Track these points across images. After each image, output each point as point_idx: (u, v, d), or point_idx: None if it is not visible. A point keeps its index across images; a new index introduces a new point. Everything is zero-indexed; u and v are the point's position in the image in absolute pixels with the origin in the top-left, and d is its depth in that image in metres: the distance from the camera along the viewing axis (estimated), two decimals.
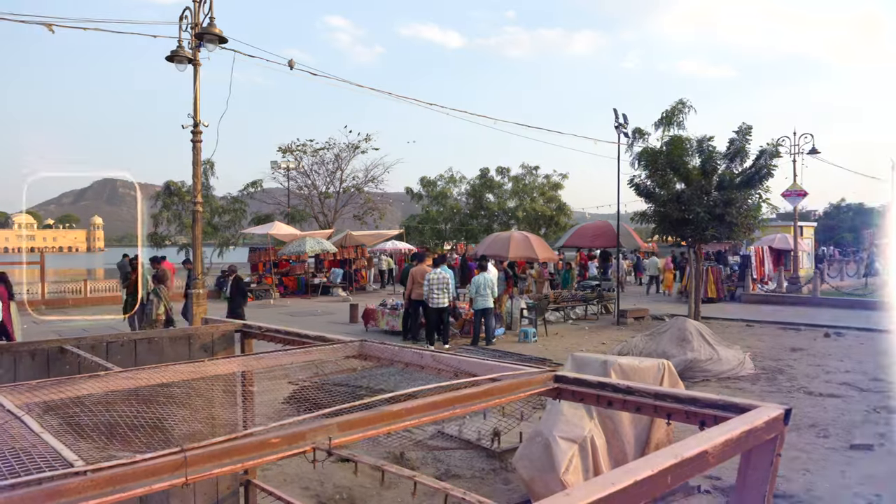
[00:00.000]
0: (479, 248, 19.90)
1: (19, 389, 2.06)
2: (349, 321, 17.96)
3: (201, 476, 1.42)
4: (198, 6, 11.11)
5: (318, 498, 6.16)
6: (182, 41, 11.44)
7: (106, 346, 3.46)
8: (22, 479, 1.25)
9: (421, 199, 39.13)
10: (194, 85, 11.51)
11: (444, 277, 13.31)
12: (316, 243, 25.70)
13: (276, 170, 37.18)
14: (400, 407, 1.78)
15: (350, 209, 38.75)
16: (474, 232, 37.54)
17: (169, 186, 33.12)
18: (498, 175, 38.53)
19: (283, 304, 23.53)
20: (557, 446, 5.23)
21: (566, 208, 37.48)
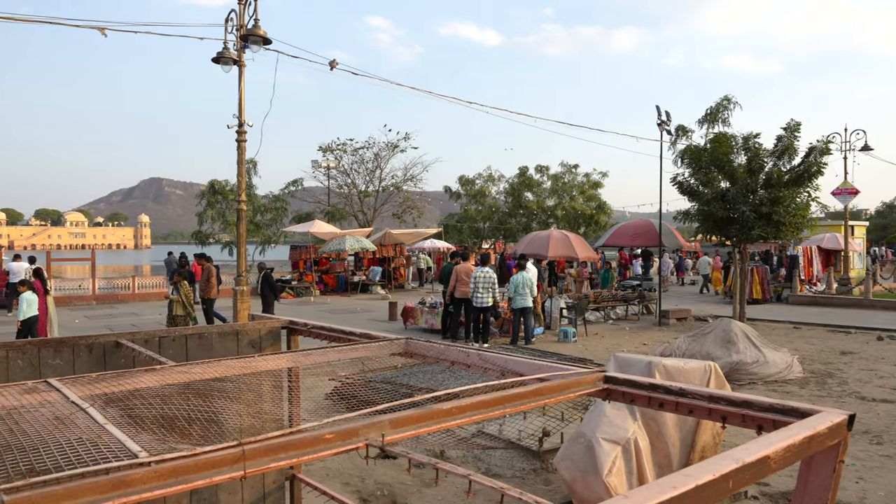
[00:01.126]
0: (517, 247, 19.82)
1: (81, 382, 2.12)
2: (388, 319, 18.08)
3: (258, 469, 1.45)
4: (243, 8, 11.32)
5: (360, 494, 6.21)
6: (227, 43, 11.67)
7: (158, 341, 3.56)
8: (90, 468, 1.29)
9: (459, 197, 39.14)
10: (239, 86, 11.73)
11: (489, 276, 13.32)
12: (356, 241, 25.93)
13: (317, 169, 37.66)
14: (451, 405, 1.78)
15: (389, 208, 39.01)
16: (513, 231, 37.38)
17: (213, 185, 33.83)
18: (537, 174, 38.29)
19: (324, 302, 23.82)
20: (600, 448, 5.18)
21: (606, 207, 37.03)
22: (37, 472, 1.34)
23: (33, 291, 11.99)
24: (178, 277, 13.04)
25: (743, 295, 16.48)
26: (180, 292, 12.71)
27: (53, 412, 1.74)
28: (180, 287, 12.75)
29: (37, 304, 11.98)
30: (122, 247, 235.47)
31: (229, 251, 35.90)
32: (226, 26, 11.66)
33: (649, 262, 29.61)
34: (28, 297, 11.82)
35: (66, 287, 24.76)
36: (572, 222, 35.82)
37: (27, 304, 11.76)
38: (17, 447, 1.50)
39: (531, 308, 13.74)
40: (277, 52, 11.89)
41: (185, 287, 12.86)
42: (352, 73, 14.22)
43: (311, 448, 1.55)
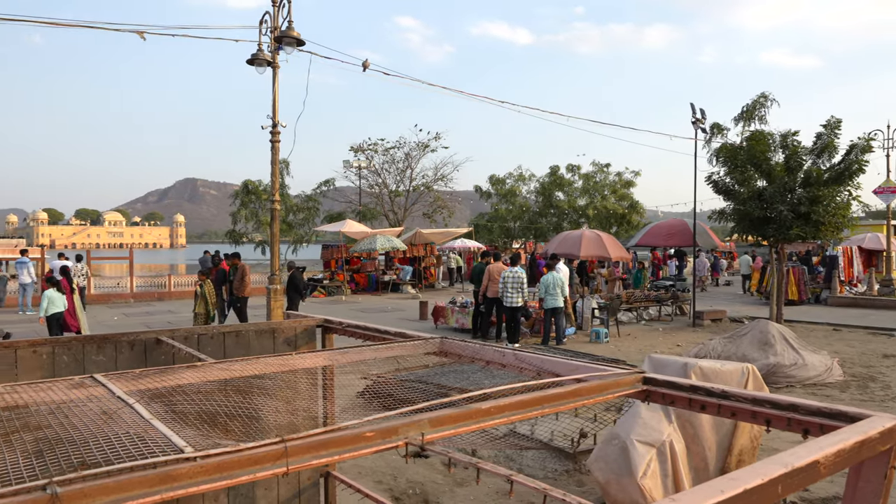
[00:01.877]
0: (549, 247, 19.70)
1: (126, 377, 2.17)
2: (419, 318, 18.13)
3: (301, 466, 1.46)
4: (277, 10, 11.45)
5: (392, 492, 6.24)
6: (262, 45, 11.82)
7: (197, 339, 3.62)
8: (139, 462, 1.32)
9: (490, 197, 39.07)
10: (273, 87, 11.88)
11: (518, 276, 13.27)
12: (386, 241, 26.06)
13: (348, 168, 37.94)
14: (490, 405, 1.78)
15: (419, 207, 39.12)
16: (543, 230, 37.17)
17: (247, 185, 34.32)
18: (568, 173, 38.02)
19: (355, 301, 23.99)
20: (635, 450, 5.12)
21: (638, 206, 36.59)
22: (87, 465, 1.37)
23: (57, 290, 12.31)
24: (203, 276, 13.27)
25: (780, 296, 16.14)
26: (204, 290, 12.94)
27: (101, 407, 1.79)
28: (204, 285, 12.99)
29: (60, 302, 12.28)
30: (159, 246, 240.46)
31: (262, 250, 36.38)
32: (260, 28, 11.82)
33: (683, 262, 29.18)
34: (50, 295, 12.14)
35: (104, 285, 25.36)
36: (604, 222, 35.48)
37: (48, 302, 12.08)
38: (67, 440, 1.54)
39: (562, 308, 13.65)
40: (311, 54, 12.03)
41: (208, 286, 13.09)
42: (384, 73, 14.30)
43: (352, 446, 1.56)
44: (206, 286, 13.06)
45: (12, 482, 1.30)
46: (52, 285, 12.41)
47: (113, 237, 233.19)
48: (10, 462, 1.41)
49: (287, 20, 11.24)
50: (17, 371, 3.12)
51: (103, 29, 10.93)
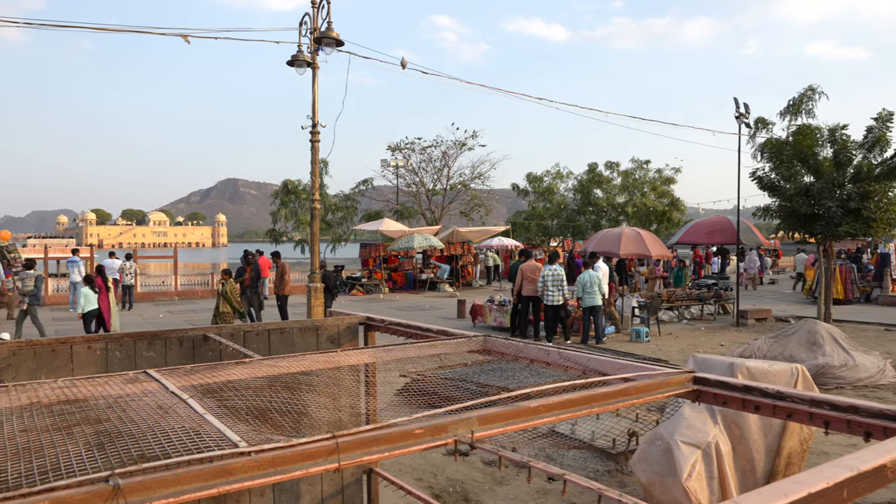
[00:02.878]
0: (588, 245, 19.50)
1: (178, 373, 2.22)
2: (456, 316, 18.15)
3: (352, 462, 1.47)
4: (316, 11, 11.58)
5: (432, 489, 6.25)
6: (301, 46, 11.97)
7: (243, 335, 3.68)
8: (196, 456, 1.34)
9: (527, 195, 38.82)
10: (313, 87, 12.02)
11: (558, 274, 13.18)
12: (424, 239, 26.15)
13: (386, 168, 38.16)
14: (538, 403, 1.76)
15: (457, 206, 39.13)
16: (581, 228, 36.79)
17: (287, 185, 34.81)
18: (607, 170, 37.55)
19: (393, 299, 24.13)
20: (679, 451, 5.03)
21: (679, 203, 35.93)
22: (146, 458, 1.40)
23: (92, 288, 12.75)
24: (226, 276, 13.47)
25: (829, 295, 15.67)
26: (226, 289, 13.13)
27: (156, 401, 1.83)
28: (226, 284, 13.18)
29: (95, 299, 12.71)
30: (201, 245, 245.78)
31: (301, 249, 36.87)
32: (300, 30, 11.98)
33: (726, 259, 28.56)
34: (85, 293, 12.63)
35: (150, 283, 26.03)
36: (643, 219, 34.94)
37: (84, 299, 12.54)
38: (126, 434, 1.58)
39: (601, 307, 13.49)
40: (349, 54, 12.13)
41: (230, 284, 13.29)
42: (422, 72, 14.34)
43: (402, 443, 1.56)
44: (229, 285, 13.25)
45: (76, 473, 1.34)
46: (88, 284, 12.90)
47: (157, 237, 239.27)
48: (73, 454, 1.45)
49: (326, 21, 11.36)
50: (72, 366, 3.22)
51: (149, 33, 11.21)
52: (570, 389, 1.95)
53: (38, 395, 1.91)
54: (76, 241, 36.02)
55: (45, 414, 1.75)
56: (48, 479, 1.30)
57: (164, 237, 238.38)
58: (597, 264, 15.08)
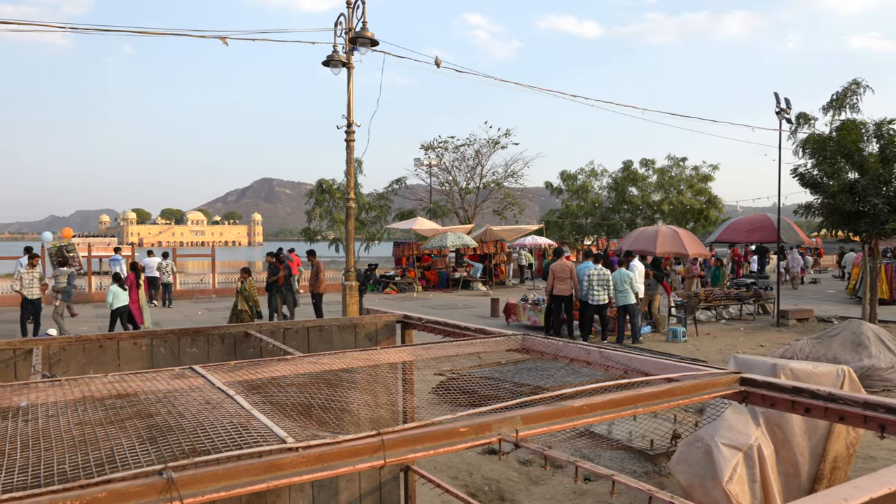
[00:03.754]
0: (623, 243, 19.28)
1: (222, 369, 2.26)
2: (490, 315, 18.11)
3: (398, 460, 1.48)
4: (351, 12, 11.66)
5: (467, 488, 6.25)
6: (337, 46, 12.07)
7: (283, 333, 3.73)
8: (245, 451, 1.36)
9: (560, 193, 38.56)
10: (348, 87, 12.12)
11: (603, 273, 13.08)
12: (457, 238, 26.14)
13: (419, 166, 38.26)
14: (582, 402, 1.75)
15: (490, 204, 39.04)
16: (616, 227, 36.40)
17: (321, 184, 35.16)
18: (642, 167, 37.07)
19: (426, 297, 24.19)
20: (720, 453, 4.93)
21: (717, 201, 35.28)
22: (197, 452, 1.43)
23: (120, 285, 13.15)
24: (244, 274, 13.63)
25: (874, 294, 15.22)
26: (244, 287, 13.27)
27: (203, 397, 1.86)
28: (245, 283, 13.33)
29: (123, 296, 13.10)
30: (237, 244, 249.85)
31: (335, 248, 37.20)
32: (335, 30, 12.08)
33: (765, 258, 27.95)
34: (114, 290, 13.06)
35: (189, 281, 26.55)
36: (679, 218, 34.41)
37: (113, 296, 12.96)
38: (176, 428, 1.61)
39: (635, 305, 13.32)
40: (384, 53, 12.19)
41: (249, 283, 13.44)
42: (456, 70, 14.34)
43: (446, 440, 1.56)
44: (248, 283, 13.39)
45: (131, 466, 1.37)
46: (116, 281, 13.33)
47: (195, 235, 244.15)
48: (126, 447, 1.49)
49: (361, 21, 11.43)
50: (119, 361, 3.30)
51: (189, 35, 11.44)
52: (614, 389, 1.92)
53: (89, 389, 1.97)
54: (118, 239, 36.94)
55: (97, 408, 1.80)
56: (104, 470, 1.34)
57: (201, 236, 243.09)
58: (632, 263, 14.91)
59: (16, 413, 1.74)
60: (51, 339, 3.17)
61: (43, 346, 3.10)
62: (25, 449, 1.47)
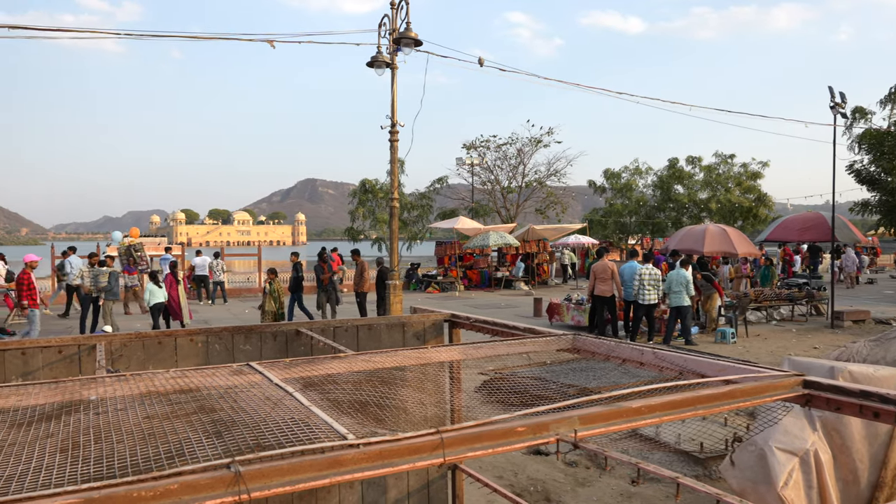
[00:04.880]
0: (670, 242, 18.93)
1: (278, 366, 2.30)
2: (533, 315, 18.01)
3: (457, 458, 1.48)
4: (395, 12, 11.74)
5: (513, 488, 6.23)
6: (380, 47, 12.16)
7: (333, 331, 3.77)
8: (308, 447, 1.38)
9: (604, 191, 38.11)
10: (391, 87, 12.20)
11: (655, 273, 12.90)
12: (499, 237, 26.07)
13: (461, 166, 38.28)
14: (640, 404, 1.72)
15: (532, 203, 38.81)
16: (661, 226, 35.79)
17: (364, 184, 35.50)
18: (688, 165, 36.34)
19: (468, 297, 24.19)
20: (774, 457, 4.80)
21: (767, 199, 34.34)
22: (261, 447, 1.46)
23: (157, 283, 13.57)
24: (271, 275, 13.80)
25: None
26: (273, 288, 13.41)
27: (263, 393, 1.90)
28: (272, 283, 13.49)
29: (160, 293, 13.56)
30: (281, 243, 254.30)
31: (378, 247, 37.51)
32: (379, 31, 12.17)
33: (817, 258, 27.06)
34: (151, 288, 13.52)
35: (235, 280, 27.13)
36: (727, 216, 33.63)
37: (150, 294, 13.40)
38: (240, 423, 1.65)
39: (688, 307, 13.07)
40: (427, 53, 12.22)
41: (277, 283, 13.61)
42: (499, 69, 14.29)
43: (504, 440, 1.56)
44: (276, 284, 13.55)
45: (199, 459, 1.41)
46: (153, 280, 13.79)
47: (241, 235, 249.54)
48: (193, 440, 1.53)
49: (405, 21, 11.50)
50: (176, 357, 3.40)
51: (237, 39, 11.68)
52: (672, 390, 1.89)
53: (153, 384, 2.03)
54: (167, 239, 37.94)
55: (162, 402, 1.86)
56: (174, 463, 1.38)
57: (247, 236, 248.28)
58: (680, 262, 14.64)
59: (87, 406, 1.80)
60: (112, 335, 3.29)
61: (105, 342, 3.21)
62: (98, 441, 1.52)
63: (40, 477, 1.31)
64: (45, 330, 15.58)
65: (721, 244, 16.63)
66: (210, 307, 21.17)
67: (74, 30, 11.51)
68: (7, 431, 1.62)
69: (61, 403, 1.84)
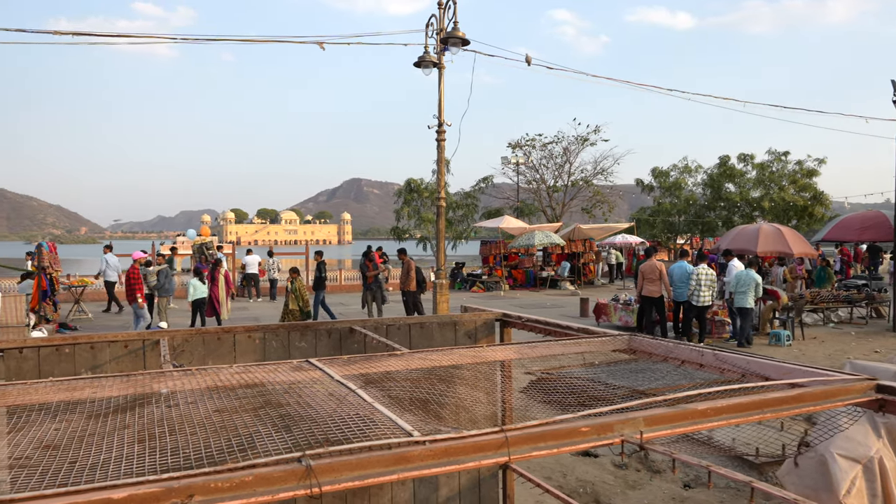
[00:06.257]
0: (721, 242, 18.49)
1: (337, 363, 2.33)
2: (579, 315, 17.82)
3: (522, 457, 1.48)
4: (442, 12, 11.77)
5: (562, 489, 6.18)
6: (428, 47, 12.21)
7: (385, 329, 3.81)
8: (375, 442, 1.40)
9: (652, 190, 37.43)
10: (439, 87, 12.24)
11: (712, 274, 12.64)
12: (544, 236, 25.88)
13: (506, 165, 38.14)
14: (707, 406, 1.69)
15: (578, 202, 38.39)
16: (711, 225, 34.96)
17: (409, 184, 35.71)
18: (740, 163, 35.39)
19: (513, 296, 24.09)
20: (836, 465, 4.65)
21: (823, 197, 33.18)
22: (330, 442, 1.49)
23: (200, 279, 13.88)
24: (294, 274, 13.92)
25: None
26: (295, 287, 13.49)
27: (325, 389, 1.93)
28: (295, 282, 13.57)
29: (202, 289, 13.99)
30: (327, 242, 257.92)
31: (423, 246, 37.70)
32: (426, 31, 12.22)
33: (878, 258, 26.01)
34: (193, 283, 13.92)
35: (283, 279, 27.62)
36: (781, 215, 32.63)
37: (193, 289, 13.78)
38: (307, 418, 1.69)
39: (751, 309, 12.76)
40: (475, 52, 12.22)
41: (299, 282, 13.70)
42: (547, 67, 14.19)
43: (568, 439, 1.55)
44: (298, 283, 13.64)
45: (271, 452, 1.45)
46: (196, 275, 14.19)
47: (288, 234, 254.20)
48: (263, 434, 1.57)
49: (452, 21, 11.51)
50: (234, 353, 3.48)
51: (289, 42, 11.88)
52: (738, 393, 1.85)
53: (219, 379, 2.08)
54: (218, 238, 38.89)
55: (230, 396, 1.91)
56: (246, 455, 1.41)
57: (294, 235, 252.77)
58: (731, 263, 14.29)
59: (158, 399, 1.87)
60: (175, 331, 3.39)
61: (168, 337, 3.31)
62: (172, 433, 1.57)
63: (122, 466, 1.36)
64: (102, 325, 16.17)
65: (775, 244, 16.16)
66: (258, 304, 21.61)
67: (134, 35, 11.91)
68: (86, 422, 1.69)
69: (133, 396, 1.91)
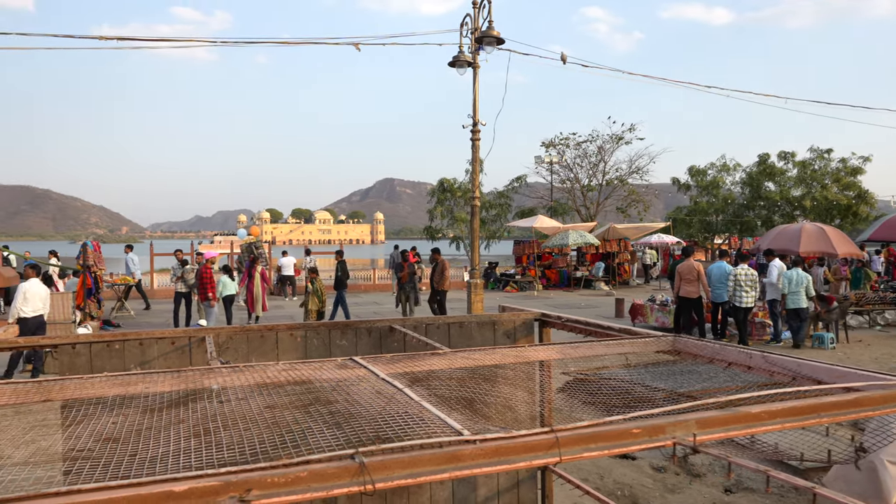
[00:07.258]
0: (761, 242, 18.10)
1: (381, 361, 2.35)
2: (614, 315, 17.64)
3: (572, 458, 1.47)
4: (477, 12, 11.76)
5: (599, 492, 6.11)
6: (462, 46, 12.21)
7: (425, 328, 3.82)
8: (426, 440, 1.41)
9: (689, 189, 36.79)
10: (473, 87, 12.23)
11: (752, 274, 12.44)
12: (578, 236, 25.67)
13: (540, 164, 37.91)
14: (761, 409, 1.66)
15: (613, 202, 37.95)
16: (750, 224, 34.23)
17: (443, 183, 35.75)
18: (780, 161, 34.58)
19: (546, 296, 23.95)
20: (886, 472, 4.52)
21: (868, 196, 32.23)
22: (381, 440, 1.50)
23: (230, 276, 14.31)
24: (312, 274, 14.03)
25: None
26: (315, 287, 13.57)
27: (372, 387, 1.95)
28: (315, 282, 13.66)
29: (231, 286, 14.49)
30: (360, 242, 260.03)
31: (456, 246, 37.71)
32: (461, 31, 12.22)
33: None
34: (223, 280, 14.35)
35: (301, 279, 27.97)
36: (823, 214, 31.79)
37: (222, 286, 14.18)
38: (357, 415, 1.70)
39: (805, 309, 12.52)
40: (509, 51, 12.19)
41: (319, 282, 13.78)
42: (582, 65, 14.06)
43: (619, 441, 1.53)
44: (318, 283, 13.72)
45: (324, 449, 1.46)
46: (226, 273, 14.63)
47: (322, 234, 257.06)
48: (315, 431, 1.58)
49: (487, 20, 11.49)
50: (277, 351, 3.53)
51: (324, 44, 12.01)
52: (793, 396, 1.81)
53: (267, 376, 2.11)
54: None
55: (280, 393, 1.94)
56: (300, 451, 1.43)
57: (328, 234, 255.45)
58: (772, 263, 13.98)
59: (210, 394, 1.90)
60: (220, 328, 3.45)
61: (213, 334, 3.38)
62: (227, 427, 1.60)
63: (180, 459, 1.39)
64: (145, 322, 16.56)
65: (818, 244, 15.77)
66: (294, 302, 21.89)
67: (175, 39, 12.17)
68: (141, 416, 1.74)
69: (185, 391, 1.95)
